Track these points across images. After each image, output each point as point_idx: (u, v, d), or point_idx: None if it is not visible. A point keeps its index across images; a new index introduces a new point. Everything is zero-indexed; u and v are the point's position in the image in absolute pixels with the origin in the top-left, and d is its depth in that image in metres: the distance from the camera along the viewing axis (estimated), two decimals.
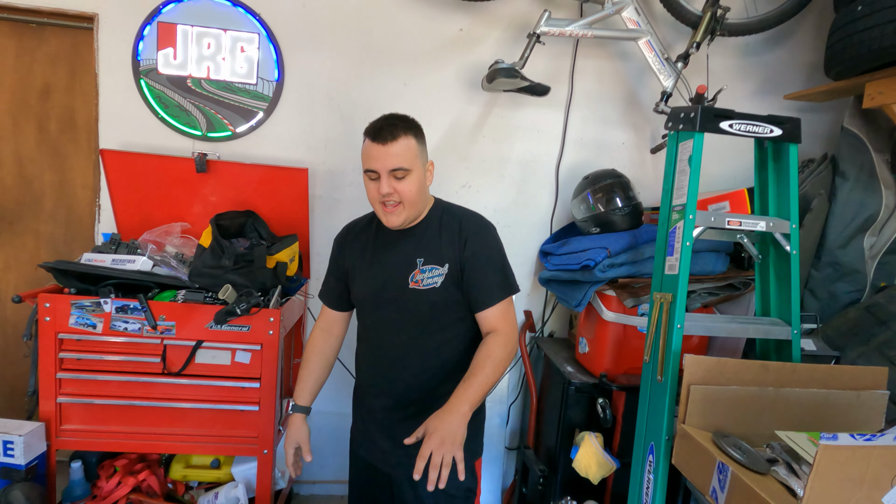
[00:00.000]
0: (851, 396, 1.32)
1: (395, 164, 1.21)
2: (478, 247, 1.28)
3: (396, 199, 1.24)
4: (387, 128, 1.23)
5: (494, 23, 2.11)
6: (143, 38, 1.97)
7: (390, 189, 1.23)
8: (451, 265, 1.27)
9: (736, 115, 1.38)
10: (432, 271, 1.27)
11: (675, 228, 1.40)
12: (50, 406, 1.61)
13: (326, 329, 1.48)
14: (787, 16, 1.96)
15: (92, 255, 1.68)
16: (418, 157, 1.26)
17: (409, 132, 1.24)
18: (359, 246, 1.39)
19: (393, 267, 1.31)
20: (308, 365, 1.45)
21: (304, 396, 1.44)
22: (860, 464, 0.89)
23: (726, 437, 1.22)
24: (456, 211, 1.36)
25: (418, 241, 1.30)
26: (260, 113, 2.06)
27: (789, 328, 1.42)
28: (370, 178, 1.26)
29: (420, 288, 1.27)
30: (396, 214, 1.26)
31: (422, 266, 1.28)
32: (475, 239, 1.29)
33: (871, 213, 1.93)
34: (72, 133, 2.07)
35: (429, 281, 1.27)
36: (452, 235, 1.29)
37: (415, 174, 1.24)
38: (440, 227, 1.31)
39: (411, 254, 1.29)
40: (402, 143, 1.22)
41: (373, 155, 1.23)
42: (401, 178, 1.23)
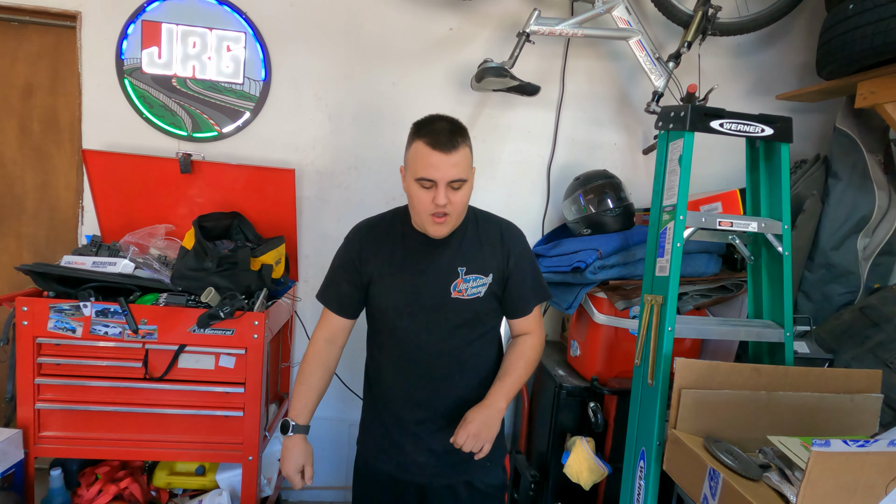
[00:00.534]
0: (845, 400, 1.30)
1: (456, 175, 1.14)
2: (520, 257, 1.28)
3: (448, 210, 1.17)
4: (447, 134, 1.14)
5: (484, 22, 2.09)
6: (127, 36, 1.93)
7: (447, 200, 1.15)
8: (494, 275, 1.26)
9: (726, 115, 1.36)
10: (476, 281, 1.25)
11: (666, 229, 1.37)
12: (28, 412, 1.57)
13: (331, 339, 1.34)
14: (778, 15, 1.95)
15: (72, 257, 1.64)
16: (471, 165, 1.20)
17: (465, 140, 1.18)
18: (384, 249, 1.28)
19: (432, 275, 1.25)
20: (309, 379, 1.31)
21: (305, 415, 1.30)
22: (854, 471, 0.86)
23: (718, 443, 1.20)
24: (492, 219, 1.33)
25: (457, 250, 1.26)
26: (247, 113, 2.03)
27: (782, 330, 1.40)
28: (423, 186, 1.16)
29: (464, 298, 1.24)
30: (446, 225, 1.19)
31: (465, 275, 1.24)
32: (517, 249, 1.29)
33: (865, 214, 1.91)
34: (55, 133, 2.04)
35: (473, 290, 1.25)
36: (495, 245, 1.27)
37: (468, 185, 1.19)
38: (478, 236, 1.28)
39: (452, 262, 1.25)
40: (462, 152, 1.15)
41: (431, 163, 1.13)
42: (457, 188, 1.16)
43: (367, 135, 2.11)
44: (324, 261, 2.15)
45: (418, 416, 1.30)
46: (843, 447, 0.85)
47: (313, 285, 2.17)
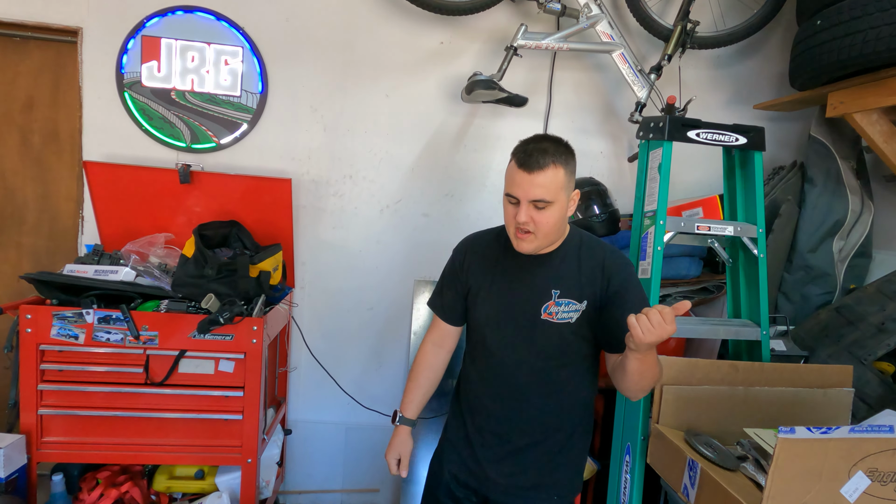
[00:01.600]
0: (818, 394, 1.37)
1: (538, 195, 1.13)
2: (623, 287, 1.20)
3: (531, 229, 1.16)
4: (536, 154, 1.13)
5: (474, 36, 2.16)
6: (127, 51, 1.99)
7: (527, 219, 1.15)
8: (589, 302, 1.21)
9: (703, 125, 1.44)
10: (569, 306, 1.21)
11: (647, 234, 1.44)
12: (31, 418, 1.60)
13: (438, 343, 1.40)
14: (753, 29, 2.04)
15: (74, 266, 1.68)
16: (563, 188, 1.15)
17: (558, 161, 1.14)
18: (485, 262, 1.31)
19: (525, 294, 1.24)
20: (417, 378, 1.39)
21: (412, 409, 1.37)
22: (818, 456, 0.93)
23: (698, 436, 1.26)
24: (595, 243, 1.28)
25: (555, 271, 1.23)
26: (244, 124, 2.09)
27: (759, 329, 1.47)
28: (509, 201, 1.18)
29: (553, 321, 1.21)
30: (528, 242, 1.18)
31: (557, 298, 1.22)
32: (619, 278, 1.21)
33: (839, 218, 2.00)
34: (55, 145, 2.08)
35: (564, 315, 1.21)
36: (594, 271, 1.22)
37: (556, 206, 1.15)
38: (579, 260, 1.24)
39: (546, 283, 1.23)
40: (549, 173, 1.12)
41: (516, 181, 1.15)
42: (541, 208, 1.14)
43: (362, 145, 2.17)
44: (321, 268, 2.22)
45: (496, 429, 1.29)
46: (808, 434, 0.91)
47: (310, 292, 2.23)
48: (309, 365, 2.21)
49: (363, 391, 2.25)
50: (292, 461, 2.29)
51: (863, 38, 1.48)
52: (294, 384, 2.26)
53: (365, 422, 2.27)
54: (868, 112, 1.68)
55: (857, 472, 0.95)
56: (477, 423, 1.32)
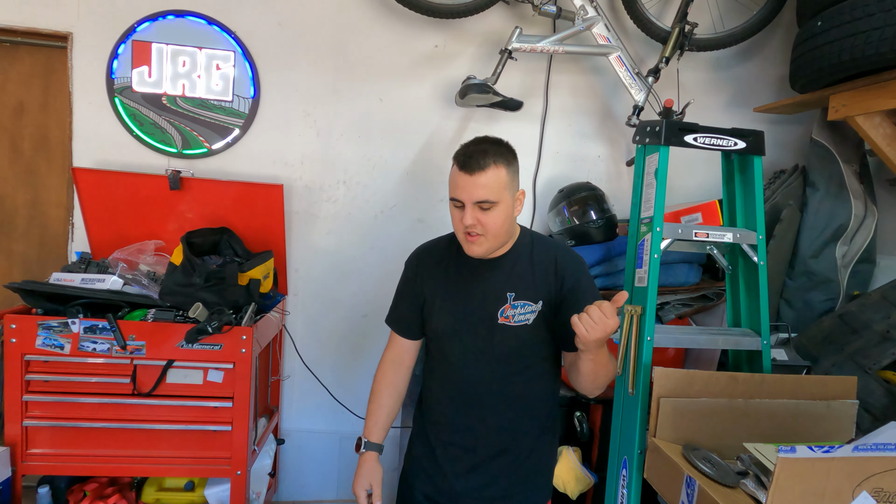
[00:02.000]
0: (821, 406, 1.32)
1: (481, 196, 1.12)
2: (576, 285, 1.21)
3: (480, 231, 1.16)
4: (476, 155, 1.13)
5: (469, 39, 2.13)
6: (117, 56, 1.97)
7: (473, 221, 1.14)
8: (544, 302, 1.20)
9: (700, 129, 1.40)
10: (524, 307, 1.20)
11: (644, 241, 1.41)
12: (16, 429, 1.57)
13: (397, 360, 1.37)
14: (753, 31, 2.00)
15: (61, 274, 1.66)
16: (507, 188, 1.15)
17: (499, 161, 1.14)
18: (439, 272, 1.29)
19: (481, 299, 1.23)
20: (379, 398, 1.34)
21: (377, 432, 1.31)
22: (820, 476, 0.89)
23: (696, 450, 1.22)
24: (548, 243, 1.28)
25: (508, 274, 1.22)
26: (236, 130, 2.06)
27: (759, 339, 1.43)
28: (455, 205, 1.18)
29: (510, 324, 1.20)
30: (478, 245, 1.17)
31: (513, 301, 1.21)
32: (573, 276, 1.21)
33: (842, 223, 1.95)
34: (45, 152, 2.06)
35: (520, 318, 1.20)
36: (547, 271, 1.22)
37: (501, 206, 1.15)
38: (532, 261, 1.23)
39: (501, 287, 1.22)
40: (490, 173, 1.12)
41: (459, 184, 1.15)
42: (486, 209, 1.14)
43: (355, 150, 2.14)
44: (314, 274, 2.19)
45: (462, 441, 1.27)
46: (809, 453, 0.87)
47: (303, 299, 2.20)
48: (302, 373, 2.17)
49: (358, 399, 2.21)
50: (286, 471, 2.25)
51: (865, 40, 1.44)
52: (287, 393, 2.23)
53: (359, 430, 2.17)
54: (871, 115, 1.64)
55: (862, 492, 0.91)
56: (442, 437, 1.30)
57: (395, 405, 1.35)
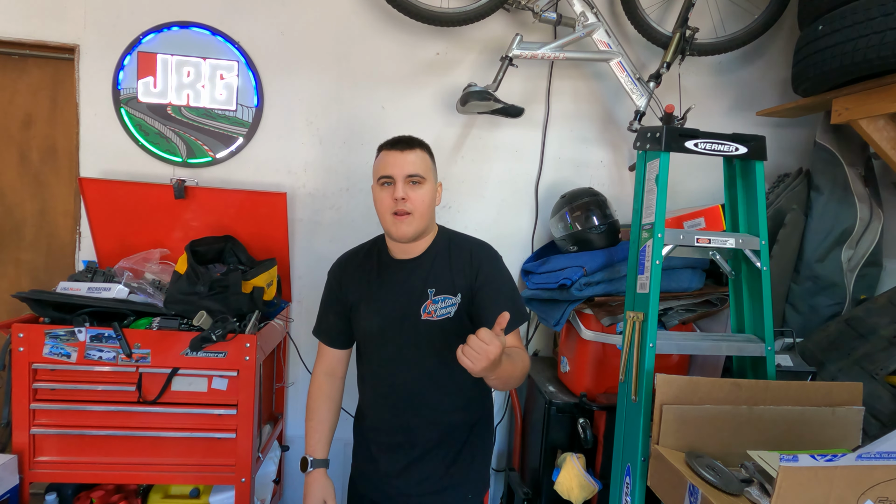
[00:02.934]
0: (826, 413, 1.31)
1: (412, 170, 1.24)
2: (490, 276, 1.28)
3: (409, 209, 1.23)
4: (404, 139, 1.28)
5: (470, 46, 2.15)
6: (123, 67, 2.00)
7: (404, 194, 1.23)
8: (463, 294, 1.27)
9: (701, 135, 1.40)
10: (445, 301, 1.26)
11: (645, 247, 1.40)
12: (23, 437, 1.59)
13: (329, 372, 1.42)
14: (754, 35, 2.00)
15: (68, 283, 1.68)
16: (431, 171, 1.29)
17: (423, 147, 1.30)
18: (361, 276, 1.36)
19: (403, 298, 1.28)
20: (317, 414, 1.39)
21: (321, 448, 1.37)
22: (823, 485, 0.88)
23: (700, 458, 1.21)
24: (464, 239, 1.36)
25: (428, 271, 1.29)
26: (240, 138, 2.08)
27: (763, 345, 1.42)
28: (383, 184, 1.26)
29: (434, 319, 1.26)
30: (407, 223, 1.24)
31: (434, 296, 1.26)
32: (487, 268, 1.29)
33: (847, 227, 1.94)
34: (53, 162, 2.09)
35: (442, 311, 1.26)
36: (463, 264, 1.28)
37: (428, 186, 1.26)
38: (449, 256, 1.30)
39: (421, 284, 1.28)
40: (418, 152, 1.27)
41: (389, 161, 1.26)
42: (416, 183, 1.24)
43: (358, 157, 2.16)
44: (317, 281, 2.18)
45: (399, 440, 1.31)
46: (812, 462, 0.86)
47: (307, 306, 2.20)
48: (306, 380, 2.16)
49: None
50: (291, 478, 2.26)
51: (866, 43, 1.43)
52: (292, 400, 2.23)
53: None
54: (874, 118, 1.63)
55: (866, 501, 0.90)
56: (380, 439, 1.34)
57: (334, 417, 1.40)
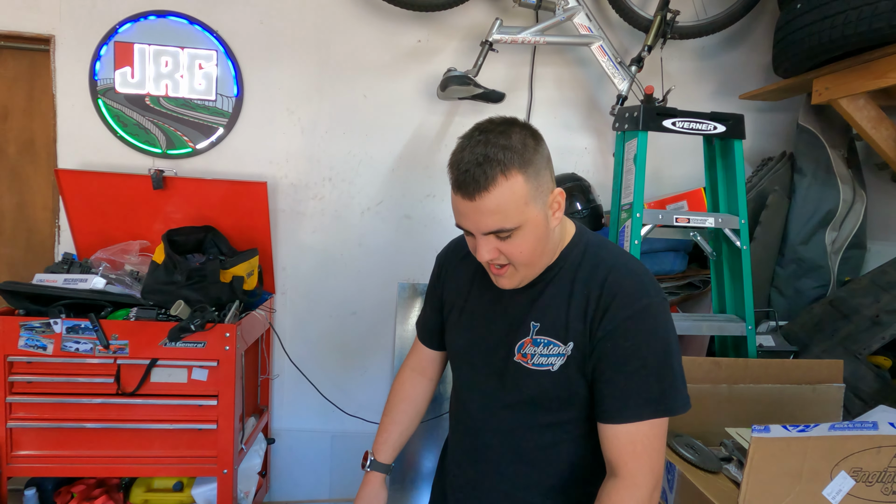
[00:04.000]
0: (807, 390, 1.31)
1: (492, 226, 0.81)
2: (620, 325, 0.84)
3: (504, 262, 0.86)
4: (474, 170, 0.79)
5: (452, 33, 2.13)
6: (100, 58, 1.97)
7: (492, 255, 0.84)
8: (576, 343, 0.86)
9: (679, 113, 1.39)
10: (549, 347, 0.88)
11: (625, 227, 1.40)
12: (0, 431, 1.57)
13: (419, 369, 1.14)
14: (735, 17, 1.99)
15: (44, 275, 1.65)
16: (530, 201, 0.81)
17: (510, 169, 0.78)
18: (464, 276, 1.02)
19: (499, 324, 0.94)
20: (392, 412, 1.11)
21: (386, 451, 1.09)
22: (797, 456, 0.87)
23: (679, 437, 1.21)
24: (605, 257, 0.89)
25: (538, 297, 0.91)
26: (220, 129, 2.06)
27: (743, 324, 1.42)
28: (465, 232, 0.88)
29: (527, 365, 0.89)
30: (508, 277, 0.88)
31: (535, 335, 0.89)
32: (620, 312, 0.84)
33: (831, 209, 1.93)
34: (31, 155, 2.06)
35: (541, 360, 0.88)
36: (589, 296, 0.86)
37: (528, 228, 0.82)
38: (573, 280, 0.88)
39: (525, 313, 0.91)
40: (500, 192, 0.79)
41: (460, 210, 0.84)
42: (505, 238, 0.83)
43: (340, 146, 2.14)
44: (301, 272, 2.19)
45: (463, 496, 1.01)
46: (784, 433, 0.86)
47: (291, 297, 2.19)
48: (292, 372, 2.16)
49: (348, 397, 2.20)
50: (277, 470, 2.24)
51: (843, 20, 1.43)
52: (277, 392, 2.22)
53: (350, 429, 2.22)
54: (854, 97, 1.63)
55: (840, 472, 0.89)
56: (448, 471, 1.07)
57: (410, 422, 1.13)
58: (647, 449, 0.82)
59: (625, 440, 0.83)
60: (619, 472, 0.83)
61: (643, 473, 0.82)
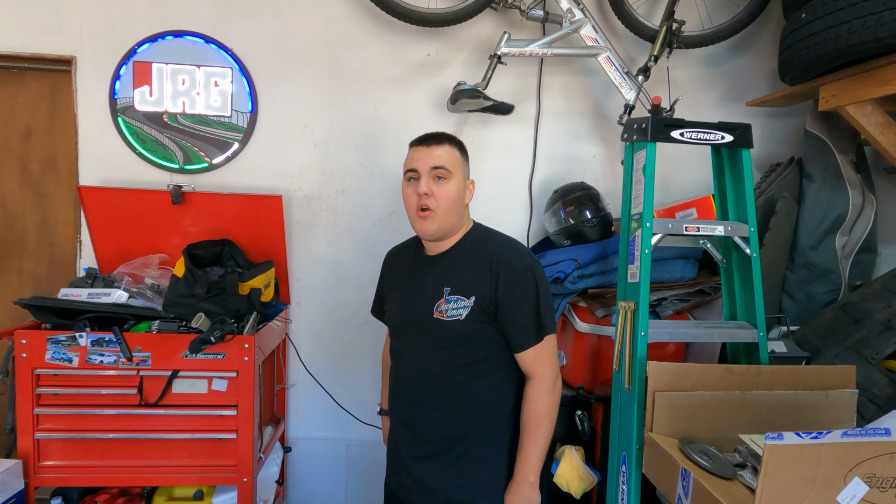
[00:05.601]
0: (820, 396, 1.32)
1: (437, 163, 1.22)
2: (511, 285, 1.21)
3: (432, 205, 1.21)
4: (433, 135, 1.28)
5: (460, 46, 2.17)
6: (119, 77, 2.03)
7: (428, 189, 1.21)
8: (477, 298, 1.21)
9: (687, 124, 1.42)
10: (457, 302, 1.22)
11: (635, 237, 1.42)
12: (28, 442, 1.61)
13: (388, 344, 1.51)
14: (741, 26, 2.02)
15: (69, 289, 1.70)
16: (460, 166, 1.27)
17: (453, 143, 1.28)
18: (397, 268, 1.42)
19: (422, 294, 1.28)
20: (385, 375, 1.55)
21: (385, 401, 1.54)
22: (810, 462, 0.89)
23: (693, 444, 1.22)
24: (492, 240, 1.30)
25: (448, 269, 1.27)
26: (235, 144, 2.11)
27: (755, 331, 1.43)
28: (409, 179, 1.27)
29: (444, 318, 1.23)
30: (430, 220, 1.22)
31: (448, 296, 1.24)
32: (509, 276, 1.21)
33: (840, 213, 1.94)
34: (53, 172, 2.13)
35: (453, 312, 1.22)
36: (483, 268, 1.23)
37: (454, 181, 1.24)
38: (472, 256, 1.26)
39: (440, 282, 1.26)
40: (446, 147, 1.25)
41: (415, 156, 1.26)
42: (441, 178, 1.23)
43: (352, 159, 2.18)
44: (315, 283, 2.22)
45: (407, 436, 1.33)
46: (797, 440, 0.87)
47: (305, 307, 2.23)
48: (307, 381, 2.20)
49: (363, 406, 2.23)
50: (294, 479, 2.27)
51: (848, 29, 1.45)
52: (293, 401, 2.25)
53: (366, 437, 2.24)
54: (861, 104, 1.64)
55: (854, 478, 0.91)
56: (395, 429, 1.38)
57: None
58: (546, 357, 1.25)
59: (532, 358, 1.24)
60: (532, 377, 1.25)
61: (546, 372, 1.25)
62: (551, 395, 1.24)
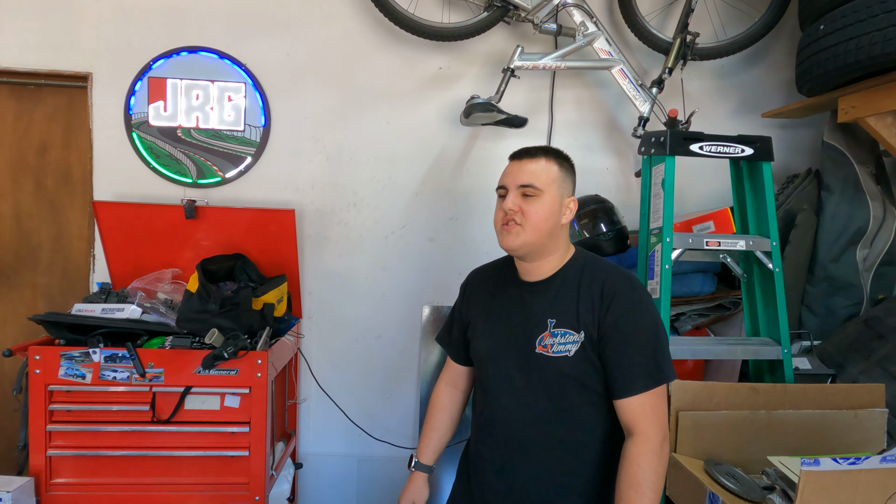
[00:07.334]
0: (848, 416, 1.28)
1: (526, 180, 1.09)
2: (623, 316, 1.06)
3: (518, 220, 1.08)
4: (528, 149, 1.14)
5: (472, 59, 2.17)
6: (134, 93, 2.05)
7: (515, 206, 1.08)
8: (587, 332, 1.07)
9: (706, 138, 1.40)
10: (565, 336, 1.08)
11: (654, 252, 1.40)
12: (40, 460, 1.60)
13: (452, 383, 1.34)
14: (755, 37, 2.00)
15: (82, 305, 1.70)
16: (555, 183, 1.11)
17: (552, 157, 1.13)
18: (485, 294, 1.23)
19: (520, 325, 1.14)
20: (432, 421, 1.32)
21: (427, 454, 1.30)
22: (848, 489, 0.86)
23: (719, 465, 1.19)
24: (600, 267, 1.14)
25: (552, 299, 1.12)
26: (248, 158, 2.12)
27: (779, 348, 1.40)
28: (499, 195, 1.15)
29: (548, 354, 1.08)
30: (514, 234, 1.08)
31: (552, 328, 1.09)
32: (621, 305, 1.07)
33: (861, 226, 1.91)
34: (68, 187, 2.14)
35: (559, 348, 1.08)
36: (593, 296, 1.09)
37: (546, 199, 1.09)
38: (579, 285, 1.11)
39: (542, 312, 1.11)
40: (540, 162, 1.11)
41: (506, 171, 1.14)
42: (529, 196, 1.09)
43: (364, 172, 2.18)
44: (327, 297, 2.21)
45: (498, 486, 1.15)
46: (835, 466, 0.84)
47: (317, 321, 2.21)
48: (318, 396, 2.18)
49: (374, 421, 2.21)
50: (304, 495, 2.24)
51: (868, 41, 1.43)
52: (304, 416, 2.23)
53: (377, 453, 2.22)
54: (882, 115, 1.62)
55: None
56: (479, 481, 1.19)
57: (447, 429, 1.32)
58: (654, 410, 1.04)
59: (637, 408, 1.04)
60: (634, 432, 1.03)
61: (653, 429, 1.03)
62: (659, 458, 1.01)
